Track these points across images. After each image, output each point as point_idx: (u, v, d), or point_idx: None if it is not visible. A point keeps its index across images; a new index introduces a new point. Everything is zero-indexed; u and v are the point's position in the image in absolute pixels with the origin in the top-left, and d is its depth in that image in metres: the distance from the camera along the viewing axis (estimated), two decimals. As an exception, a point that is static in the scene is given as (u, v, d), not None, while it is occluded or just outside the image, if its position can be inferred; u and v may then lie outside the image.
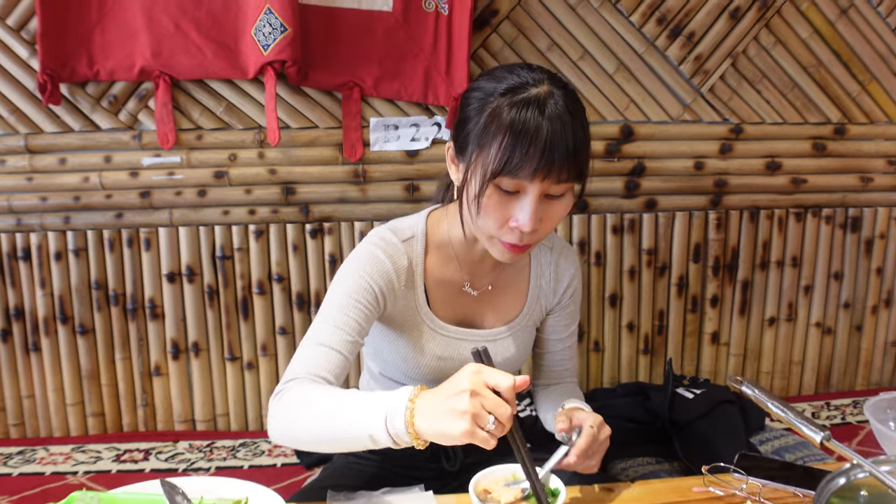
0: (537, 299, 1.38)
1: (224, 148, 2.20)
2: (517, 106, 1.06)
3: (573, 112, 1.08)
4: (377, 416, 0.97)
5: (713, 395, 2.04)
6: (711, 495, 1.19)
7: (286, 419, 1.12)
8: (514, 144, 1.05)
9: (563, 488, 1.10)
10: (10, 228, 2.21)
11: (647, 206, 2.33)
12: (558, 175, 1.07)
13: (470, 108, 1.13)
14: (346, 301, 1.21)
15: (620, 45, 2.24)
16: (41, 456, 2.19)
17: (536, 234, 1.13)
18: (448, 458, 1.43)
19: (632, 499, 1.19)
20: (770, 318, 2.47)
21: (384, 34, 2.11)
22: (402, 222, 1.31)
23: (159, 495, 1.08)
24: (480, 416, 0.90)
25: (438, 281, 1.30)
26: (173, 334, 2.28)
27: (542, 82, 1.09)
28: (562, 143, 1.05)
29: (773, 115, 2.33)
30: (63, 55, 2.07)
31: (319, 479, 1.43)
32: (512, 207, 1.11)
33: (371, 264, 1.24)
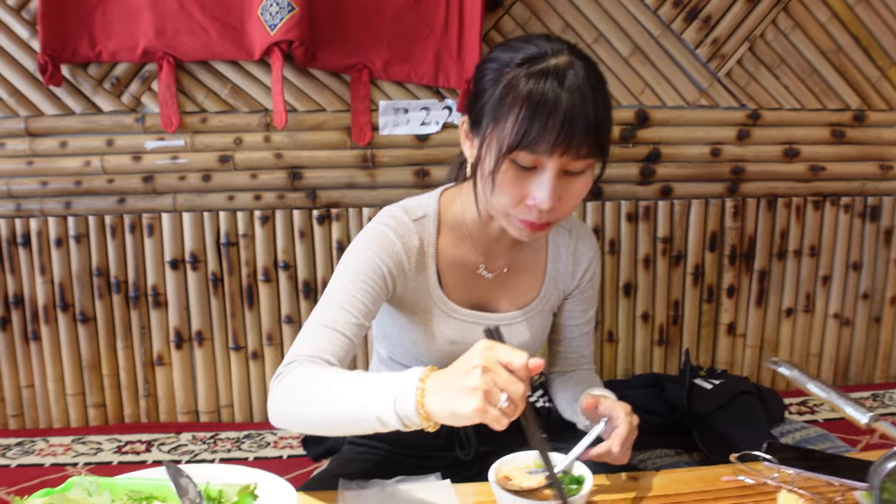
0: (555, 283, 1.33)
1: (229, 131, 2.14)
2: (535, 76, 1.01)
3: (594, 84, 1.02)
4: (385, 398, 0.92)
5: (732, 386, 2.01)
6: (741, 484, 1.15)
7: (288, 402, 1.07)
8: (532, 117, 0.99)
9: (588, 476, 1.06)
10: (9, 214, 2.16)
11: (662, 194, 2.28)
12: (578, 150, 1.01)
13: (485, 80, 1.08)
14: (353, 282, 1.16)
15: (636, 28, 2.19)
16: (40, 447, 2.14)
17: (555, 212, 1.07)
18: (462, 447, 1.38)
19: (658, 488, 1.15)
20: (787, 309, 2.41)
21: (394, 15, 2.06)
22: (413, 201, 1.26)
23: (160, 480, 1.03)
24: (492, 392, 0.84)
25: (451, 262, 1.25)
26: (176, 323, 2.23)
27: (561, 52, 1.03)
28: (582, 115, 0.99)
29: (791, 100, 2.28)
30: (64, 35, 2.02)
31: (328, 469, 1.38)
32: (529, 184, 1.05)
33: (380, 244, 1.18)
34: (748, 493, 1.12)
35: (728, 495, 1.12)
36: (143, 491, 1.00)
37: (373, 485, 1.15)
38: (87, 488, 1.00)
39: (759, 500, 1.10)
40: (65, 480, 1.81)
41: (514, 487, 1.04)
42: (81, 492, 0.99)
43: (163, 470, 1.09)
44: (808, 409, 2.31)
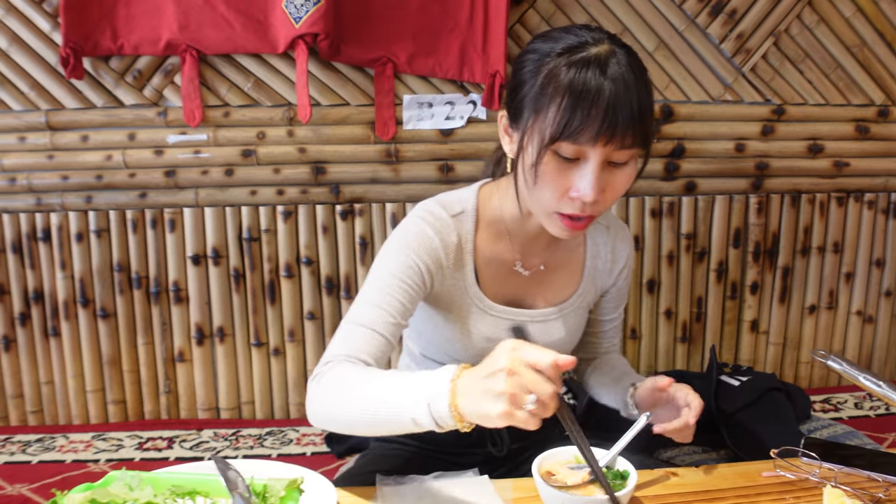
0: (592, 280, 1.32)
1: (252, 125, 2.13)
2: (576, 65, 0.99)
3: (637, 72, 1.01)
4: (419, 400, 0.91)
5: (760, 383, 1.98)
6: (782, 480, 1.15)
7: (325, 402, 1.09)
8: (574, 106, 0.98)
9: (633, 471, 1.05)
10: (29, 208, 2.14)
11: (686, 189, 2.26)
12: (622, 139, 0.99)
13: (524, 71, 1.07)
14: (390, 280, 1.15)
15: (660, 23, 2.17)
16: (61, 444, 2.13)
17: (598, 205, 1.05)
18: (495, 444, 1.38)
19: (699, 483, 1.15)
20: (810, 306, 2.40)
21: (419, 8, 2.04)
22: (451, 196, 1.25)
23: (203, 475, 1.02)
24: (518, 396, 0.83)
25: (489, 259, 1.24)
26: (198, 319, 2.21)
27: (602, 41, 1.02)
28: (626, 104, 0.97)
29: (815, 96, 2.27)
30: (86, 28, 2.01)
31: (358, 466, 1.37)
32: (571, 176, 1.03)
33: (418, 241, 1.17)
34: (789, 490, 1.12)
35: (769, 491, 1.12)
36: (185, 486, 0.99)
37: (410, 480, 1.14)
38: (129, 483, 0.99)
39: (800, 496, 1.10)
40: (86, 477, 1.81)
41: (557, 483, 1.03)
42: (122, 486, 0.98)
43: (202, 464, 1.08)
44: (832, 406, 2.29)
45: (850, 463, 1.15)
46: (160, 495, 0.96)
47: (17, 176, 2.12)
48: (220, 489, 0.98)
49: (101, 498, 0.93)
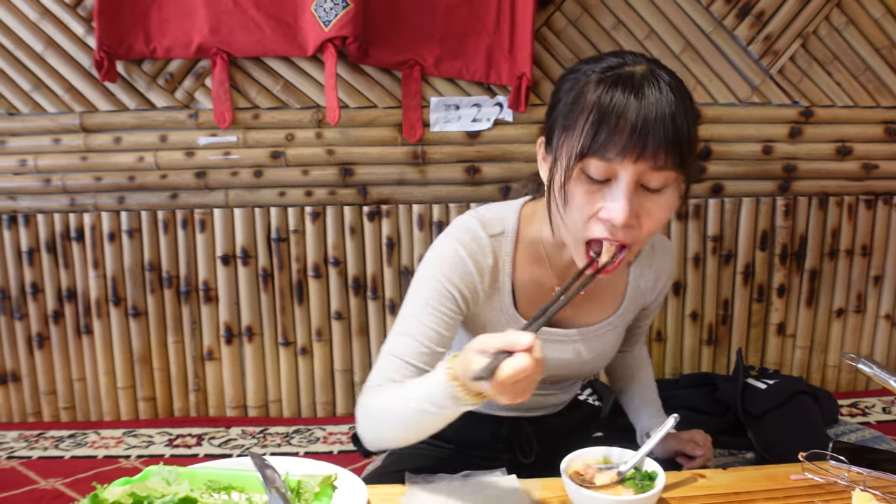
0: (634, 300, 1.29)
1: (281, 127, 2.16)
2: (606, 81, 0.95)
3: (676, 95, 0.95)
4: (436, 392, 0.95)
5: (787, 386, 1.97)
6: (811, 483, 1.14)
7: (370, 431, 1.14)
8: (602, 120, 0.93)
9: (661, 472, 1.05)
10: (63, 208, 2.19)
11: (713, 192, 2.26)
12: (654, 158, 0.93)
13: (561, 91, 1.04)
14: (424, 309, 1.14)
15: (687, 25, 2.17)
16: (92, 439, 2.17)
17: (632, 232, 0.99)
18: (522, 451, 1.37)
19: (727, 486, 1.14)
20: (838, 310, 2.38)
21: (446, 11, 2.06)
22: (491, 212, 1.20)
23: (239, 470, 1.04)
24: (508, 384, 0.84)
25: (527, 281, 1.20)
26: (227, 318, 2.24)
27: (640, 63, 0.98)
28: (658, 121, 0.92)
29: (843, 97, 2.25)
30: (120, 32, 2.04)
31: (386, 465, 1.38)
32: (602, 197, 0.97)
33: (451, 267, 1.14)
34: (818, 493, 1.10)
35: (798, 494, 1.10)
36: (221, 481, 1.01)
37: (439, 479, 1.15)
38: (166, 477, 1.01)
39: (829, 499, 1.09)
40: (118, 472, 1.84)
41: (586, 483, 1.03)
42: (160, 481, 1.00)
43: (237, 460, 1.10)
44: (859, 410, 2.28)
45: (880, 467, 1.13)
46: (197, 490, 0.98)
47: (51, 177, 2.17)
48: (255, 484, 1.00)
49: (140, 492, 0.95)
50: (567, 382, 1.36)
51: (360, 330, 2.26)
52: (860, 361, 1.11)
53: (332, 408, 2.31)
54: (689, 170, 0.99)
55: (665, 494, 1.08)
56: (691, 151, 0.97)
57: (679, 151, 0.94)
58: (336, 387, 2.30)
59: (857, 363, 1.12)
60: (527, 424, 1.35)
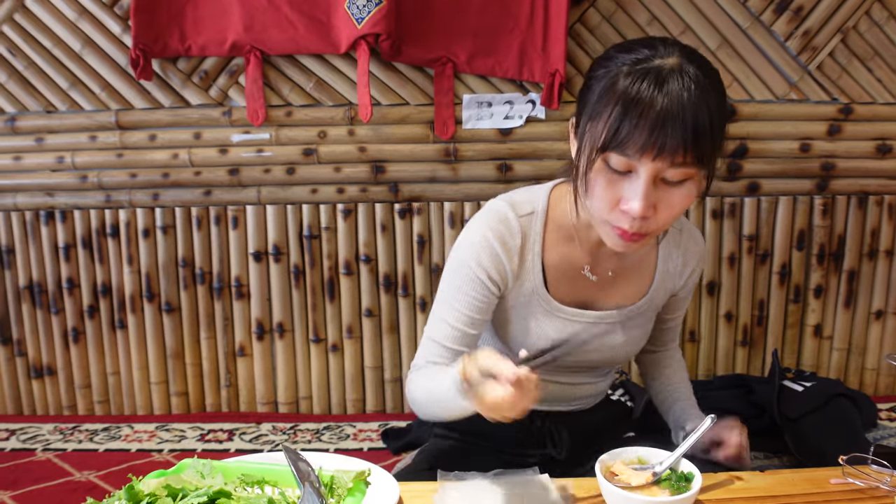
0: (663, 283, 1.30)
1: (313, 125, 2.16)
2: (634, 75, 0.97)
3: (702, 89, 0.96)
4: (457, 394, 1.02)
5: (826, 389, 1.95)
6: (851, 487, 1.12)
7: (416, 405, 1.21)
8: (623, 116, 0.96)
9: (697, 474, 1.04)
10: (99, 205, 2.22)
11: (749, 190, 2.22)
12: (672, 156, 0.95)
13: (593, 78, 1.05)
14: (457, 294, 1.20)
15: (723, 20, 2.14)
16: (126, 433, 2.19)
17: (650, 222, 1.03)
18: (555, 446, 1.37)
19: (765, 489, 1.12)
20: (877, 311, 2.32)
21: (479, 8, 2.05)
22: (522, 194, 1.24)
23: (272, 465, 1.04)
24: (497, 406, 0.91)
25: (557, 261, 1.23)
26: (258, 314, 2.26)
27: (671, 55, 0.98)
28: (678, 119, 0.94)
29: (884, 94, 2.20)
30: (156, 30, 2.06)
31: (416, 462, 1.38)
32: (622, 188, 1.01)
33: (480, 252, 1.19)
34: (859, 497, 1.09)
35: (838, 499, 1.09)
36: (255, 475, 1.01)
37: (472, 476, 1.14)
38: (201, 470, 1.02)
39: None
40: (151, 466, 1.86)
41: (621, 482, 1.02)
42: (194, 474, 1.01)
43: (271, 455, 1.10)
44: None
45: (924, 472, 1.11)
46: (230, 483, 0.98)
47: (87, 174, 2.19)
48: (287, 479, 1.00)
49: (175, 484, 0.96)
50: (599, 371, 1.37)
51: (391, 327, 2.26)
52: (905, 362, 1.08)
53: (363, 405, 2.32)
54: (710, 165, 1.01)
55: (701, 496, 1.07)
56: (713, 148, 0.99)
57: (699, 149, 0.96)
58: (366, 384, 2.30)
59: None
60: (559, 419, 1.35)
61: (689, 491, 0.99)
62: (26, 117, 2.18)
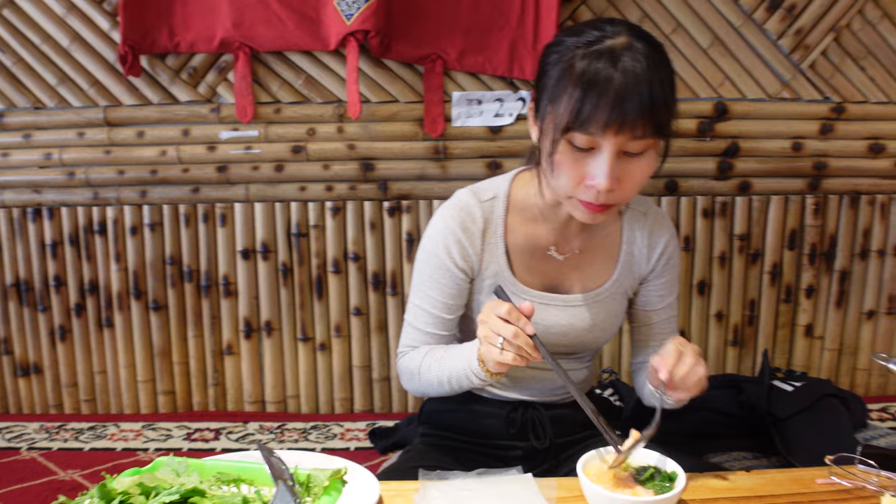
0: (629, 267, 1.31)
1: (302, 122, 2.15)
2: (589, 57, 1.02)
3: (652, 64, 1.02)
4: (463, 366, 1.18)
5: (815, 389, 1.93)
6: (838, 487, 1.10)
7: (407, 385, 1.34)
8: (584, 96, 1.01)
9: (681, 473, 1.02)
10: (87, 202, 2.20)
11: (740, 189, 2.21)
12: (633, 130, 1.01)
13: (548, 63, 1.10)
14: (429, 283, 1.26)
15: (716, 18, 2.13)
16: (112, 432, 2.18)
17: (615, 194, 1.08)
18: (537, 436, 1.36)
19: (751, 489, 1.11)
20: (869, 312, 2.32)
21: (470, 5, 2.04)
22: (485, 183, 1.30)
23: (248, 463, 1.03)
24: (489, 337, 1.05)
25: (522, 243, 1.26)
26: (246, 313, 2.24)
27: (619, 34, 1.04)
28: (634, 94, 0.99)
29: (877, 94, 2.19)
30: (144, 26, 2.05)
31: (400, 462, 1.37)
32: (587, 165, 1.06)
33: (444, 240, 1.24)
34: (845, 498, 1.07)
35: (824, 499, 1.07)
36: (231, 473, 1.00)
37: (454, 476, 1.13)
38: (176, 468, 1.00)
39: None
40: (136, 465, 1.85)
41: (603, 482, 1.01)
42: (170, 472, 0.99)
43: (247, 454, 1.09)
44: (889, 415, 2.21)
45: (912, 473, 1.10)
46: (206, 482, 0.97)
47: (75, 170, 2.18)
48: (264, 477, 0.99)
49: (149, 482, 0.94)
50: (574, 358, 1.36)
51: (379, 326, 2.25)
52: (891, 361, 1.07)
53: (350, 404, 2.30)
54: (667, 134, 1.08)
55: (685, 496, 1.06)
56: (669, 117, 1.06)
57: (656, 120, 1.03)
58: (354, 383, 2.29)
59: (888, 363, 1.08)
60: (541, 409, 1.35)
61: (672, 490, 0.97)
62: (14, 113, 2.17)
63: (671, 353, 1.08)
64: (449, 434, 1.39)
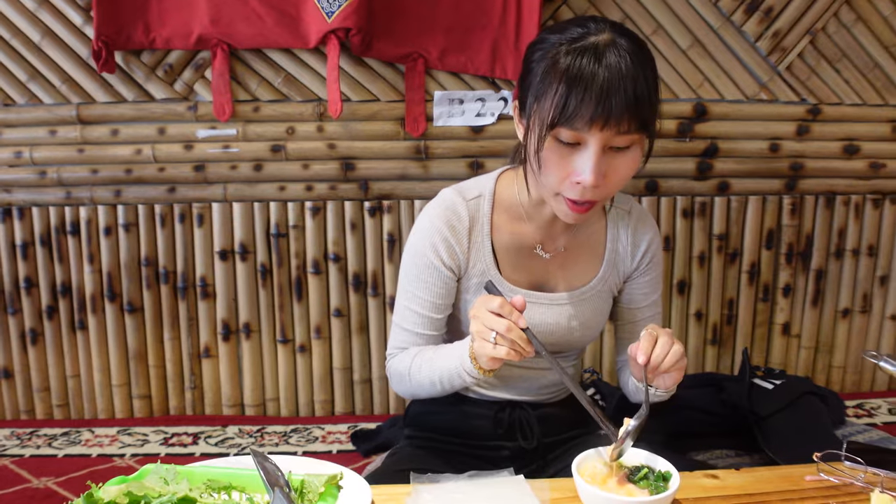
0: (614, 265, 1.32)
1: (282, 121, 2.12)
2: (573, 53, 1.03)
3: (636, 60, 1.03)
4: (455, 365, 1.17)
5: (795, 387, 1.95)
6: (826, 484, 1.11)
7: (398, 387, 1.33)
8: (569, 92, 1.01)
9: (675, 473, 1.03)
10: (59, 202, 2.15)
11: (719, 189, 2.23)
12: (618, 125, 1.02)
13: (532, 61, 1.11)
14: (416, 283, 1.26)
15: (695, 20, 2.14)
16: (86, 438, 2.13)
17: (600, 189, 1.08)
18: (525, 436, 1.36)
19: (741, 487, 1.12)
20: (844, 310, 2.35)
21: (451, 4, 2.03)
22: (470, 182, 1.30)
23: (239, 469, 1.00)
24: (482, 332, 1.05)
25: (508, 242, 1.26)
26: (224, 314, 2.21)
27: (603, 31, 1.05)
28: (619, 90, 1.00)
29: (852, 95, 2.22)
30: (119, 22, 2.01)
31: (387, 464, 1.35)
32: (573, 161, 1.07)
33: (430, 238, 1.24)
34: (834, 494, 1.08)
35: (813, 496, 1.08)
36: (221, 480, 0.98)
37: (445, 478, 1.12)
38: (164, 476, 0.98)
39: (846, 500, 1.07)
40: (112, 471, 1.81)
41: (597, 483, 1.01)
42: (158, 480, 0.97)
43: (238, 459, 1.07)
44: (865, 412, 2.25)
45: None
46: (196, 489, 0.94)
47: (47, 169, 2.13)
48: (255, 484, 0.97)
49: (137, 491, 0.92)
50: (560, 356, 1.36)
51: (360, 328, 2.23)
52: (882, 359, 1.08)
53: (331, 406, 2.28)
54: (651, 129, 1.08)
55: (679, 495, 1.06)
56: (653, 113, 1.07)
57: (641, 115, 1.03)
58: (335, 385, 2.26)
59: (879, 361, 1.09)
60: (528, 409, 1.35)
61: (667, 490, 0.98)
62: (-18, 111, 2.11)
63: (646, 338, 1.10)
64: (435, 436, 1.39)
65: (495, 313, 1.04)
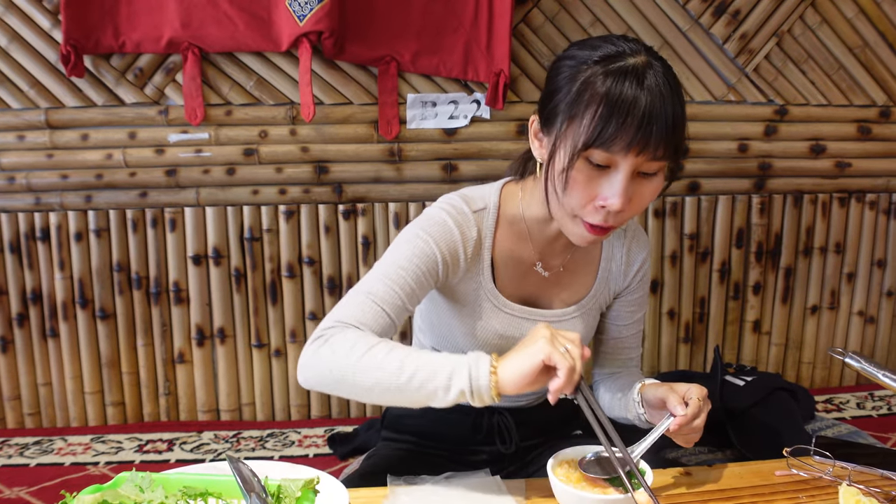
0: (606, 282, 1.32)
1: (254, 124, 2.11)
2: (613, 75, 1.00)
3: (672, 85, 1.02)
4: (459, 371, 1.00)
5: (766, 383, 1.99)
6: (796, 478, 1.14)
7: (332, 362, 1.05)
8: (610, 115, 0.99)
9: (648, 470, 1.05)
10: (28, 207, 2.12)
11: (689, 190, 2.26)
12: (654, 151, 1.00)
13: (560, 78, 1.07)
14: (407, 263, 1.15)
15: (664, 22, 2.17)
16: (59, 446, 2.10)
17: (622, 215, 1.06)
18: (503, 441, 1.36)
19: (714, 483, 1.15)
20: (812, 307, 2.40)
21: (423, 6, 2.03)
22: (473, 191, 1.25)
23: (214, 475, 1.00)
24: (556, 339, 0.97)
25: (508, 257, 1.24)
26: (198, 320, 2.19)
27: (639, 53, 1.03)
28: (661, 115, 0.99)
29: (817, 96, 2.27)
30: (87, 25, 1.99)
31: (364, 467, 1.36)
32: (600, 184, 1.04)
33: (439, 230, 1.18)
34: (804, 488, 1.11)
35: (784, 490, 1.12)
36: (197, 486, 0.97)
37: (422, 481, 1.13)
38: (140, 484, 0.97)
39: (815, 494, 1.10)
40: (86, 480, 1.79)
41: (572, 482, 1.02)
42: (133, 487, 0.96)
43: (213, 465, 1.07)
44: (834, 406, 2.29)
45: (863, 461, 1.14)
46: (171, 496, 0.94)
47: (15, 175, 2.10)
48: (231, 490, 0.97)
49: (112, 499, 0.91)
50: None
51: (336, 331, 2.22)
52: (847, 356, 1.11)
53: (307, 410, 2.27)
54: (679, 156, 1.08)
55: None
56: (683, 140, 1.06)
57: (675, 141, 1.02)
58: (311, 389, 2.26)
59: (844, 357, 1.11)
60: (507, 415, 1.36)
61: (640, 487, 0.99)
62: (-52, 116, 2.08)
63: (694, 405, 1.10)
64: (413, 439, 1.39)
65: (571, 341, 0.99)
